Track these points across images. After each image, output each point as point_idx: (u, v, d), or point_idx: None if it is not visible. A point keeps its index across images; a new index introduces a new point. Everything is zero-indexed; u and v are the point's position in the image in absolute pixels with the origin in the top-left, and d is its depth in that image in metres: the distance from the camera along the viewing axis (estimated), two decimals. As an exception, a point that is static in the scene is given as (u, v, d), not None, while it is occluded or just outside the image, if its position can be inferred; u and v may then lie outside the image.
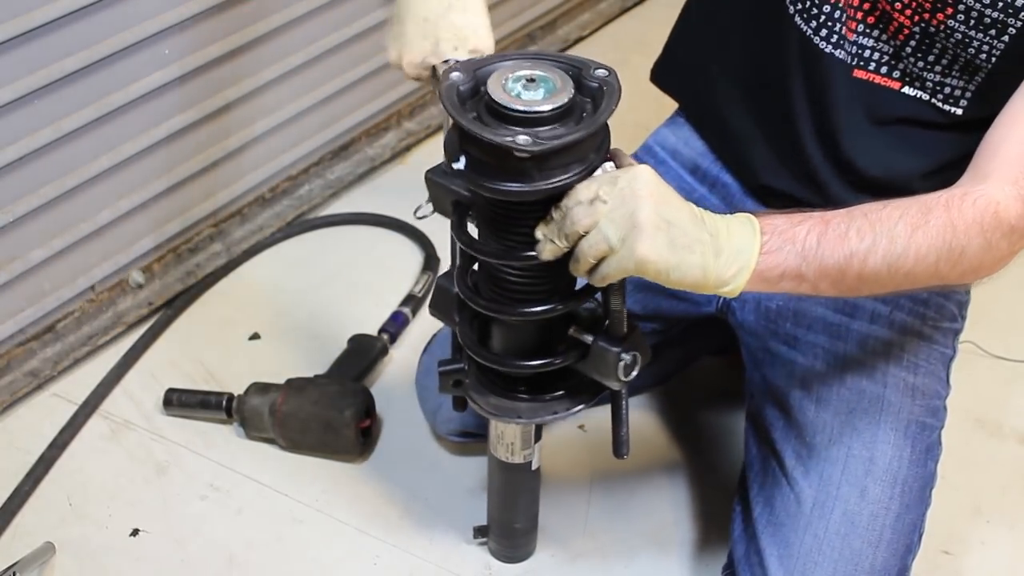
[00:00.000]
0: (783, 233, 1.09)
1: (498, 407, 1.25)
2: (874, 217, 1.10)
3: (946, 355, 1.43)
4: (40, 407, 1.74)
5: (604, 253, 1.03)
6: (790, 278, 1.09)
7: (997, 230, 1.10)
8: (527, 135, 1.00)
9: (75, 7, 1.59)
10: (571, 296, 1.17)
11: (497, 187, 1.04)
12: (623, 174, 1.04)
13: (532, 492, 1.46)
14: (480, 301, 1.18)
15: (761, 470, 1.41)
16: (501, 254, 1.12)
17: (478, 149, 1.04)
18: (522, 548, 1.54)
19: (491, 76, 1.05)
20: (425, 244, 2.03)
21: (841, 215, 1.11)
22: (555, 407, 1.24)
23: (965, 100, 1.28)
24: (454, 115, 1.03)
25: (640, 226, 1.01)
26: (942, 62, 1.26)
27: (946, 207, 1.10)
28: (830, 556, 1.29)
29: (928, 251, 1.10)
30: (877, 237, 1.09)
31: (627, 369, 1.16)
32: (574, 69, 1.06)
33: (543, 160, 1.01)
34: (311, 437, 1.64)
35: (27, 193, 1.65)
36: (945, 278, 1.13)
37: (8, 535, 1.54)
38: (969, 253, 1.11)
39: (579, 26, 2.67)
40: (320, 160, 2.16)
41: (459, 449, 1.69)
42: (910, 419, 1.35)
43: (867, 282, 1.11)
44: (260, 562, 1.54)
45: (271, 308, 1.92)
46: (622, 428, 1.24)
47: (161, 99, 1.79)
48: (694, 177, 1.52)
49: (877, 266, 1.10)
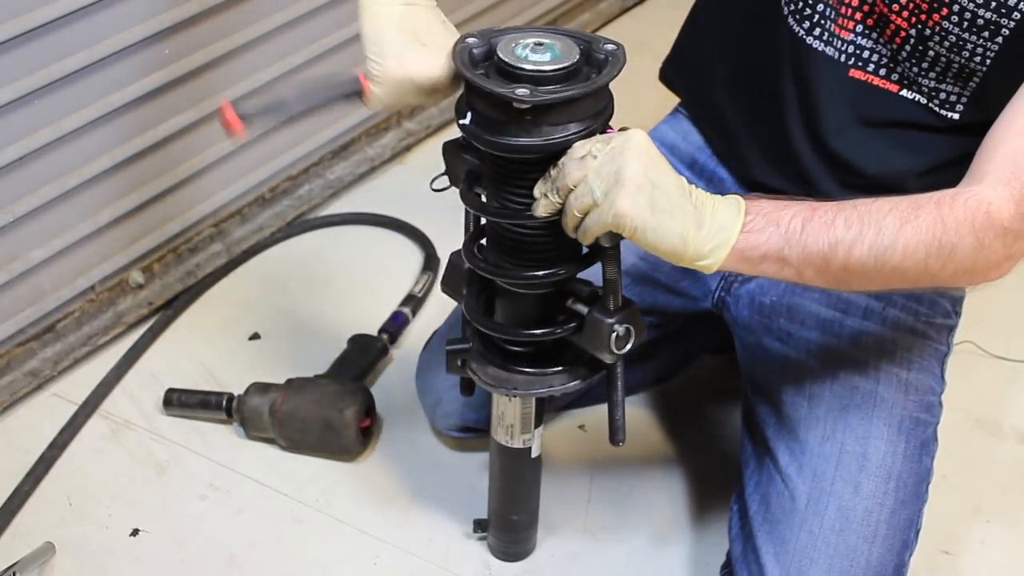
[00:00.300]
0: (768, 215, 1.10)
1: (496, 378, 1.28)
2: (863, 209, 1.11)
3: (940, 351, 1.43)
4: (40, 407, 1.74)
5: (588, 207, 1.06)
6: (772, 260, 1.10)
7: (989, 230, 1.10)
8: (527, 89, 1.05)
9: (75, 7, 1.59)
10: (571, 262, 1.21)
11: (497, 140, 1.09)
12: (617, 135, 1.07)
13: (532, 482, 1.46)
14: (484, 264, 1.23)
15: (756, 468, 1.42)
16: (503, 213, 1.17)
17: (482, 103, 1.10)
18: (521, 544, 1.54)
19: (502, 40, 1.11)
20: (425, 244, 2.03)
21: (830, 204, 1.11)
22: (551, 381, 1.27)
23: (961, 105, 1.28)
24: (462, 69, 1.09)
25: (623, 182, 1.03)
26: (936, 68, 1.26)
27: (937, 204, 1.10)
28: (825, 552, 1.29)
29: (917, 246, 1.09)
30: (864, 228, 1.09)
31: (620, 341, 1.18)
32: (584, 43, 1.11)
33: (542, 115, 1.07)
34: (311, 437, 1.64)
35: (27, 193, 1.65)
36: (937, 277, 1.13)
37: (8, 535, 1.54)
38: (960, 252, 1.10)
39: (579, 26, 2.67)
40: (320, 160, 2.16)
41: (459, 447, 1.69)
42: (904, 415, 1.35)
43: (854, 273, 1.11)
44: (260, 562, 1.54)
45: (271, 308, 1.92)
46: (617, 412, 1.25)
47: (161, 99, 1.79)
48: (691, 171, 1.53)
49: (863, 257, 1.10)
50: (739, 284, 1.49)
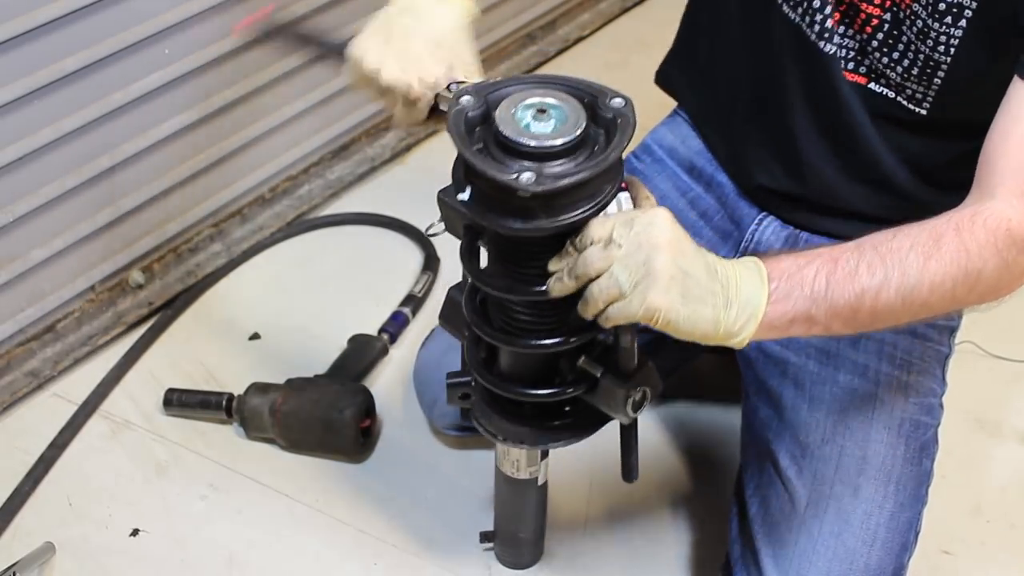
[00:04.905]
0: (791, 278, 1.06)
1: (502, 430, 1.22)
2: (884, 250, 1.07)
3: (942, 353, 1.42)
4: (40, 407, 1.74)
5: (614, 298, 1.01)
6: (800, 322, 1.06)
7: (1012, 247, 1.07)
8: (532, 171, 0.96)
9: (75, 7, 1.59)
10: (581, 331, 1.12)
11: (502, 223, 1.00)
12: (639, 216, 1.01)
13: (538, 506, 1.45)
14: (488, 330, 1.14)
15: (756, 470, 1.42)
16: (509, 288, 1.09)
17: (483, 183, 0.99)
18: (527, 556, 1.53)
19: (501, 103, 1.01)
20: (425, 244, 2.03)
21: (850, 250, 1.08)
22: (561, 434, 1.21)
23: (928, 103, 1.26)
24: (460, 147, 0.99)
25: (655, 275, 0.99)
26: (905, 60, 1.24)
27: (957, 231, 1.07)
28: (824, 555, 1.29)
29: (943, 279, 1.06)
30: (889, 271, 1.06)
31: (636, 405, 1.13)
32: (589, 96, 1.02)
33: (550, 198, 0.97)
34: (311, 437, 1.64)
35: (27, 193, 1.65)
36: (963, 302, 1.11)
37: (8, 535, 1.54)
38: (986, 274, 1.08)
39: (579, 26, 2.67)
40: (320, 160, 2.16)
41: (459, 447, 1.69)
42: (903, 417, 1.35)
43: (881, 316, 1.08)
44: (260, 562, 1.54)
45: (271, 308, 1.92)
46: (631, 456, 1.21)
47: (161, 99, 1.79)
48: (690, 176, 1.52)
49: (891, 300, 1.07)
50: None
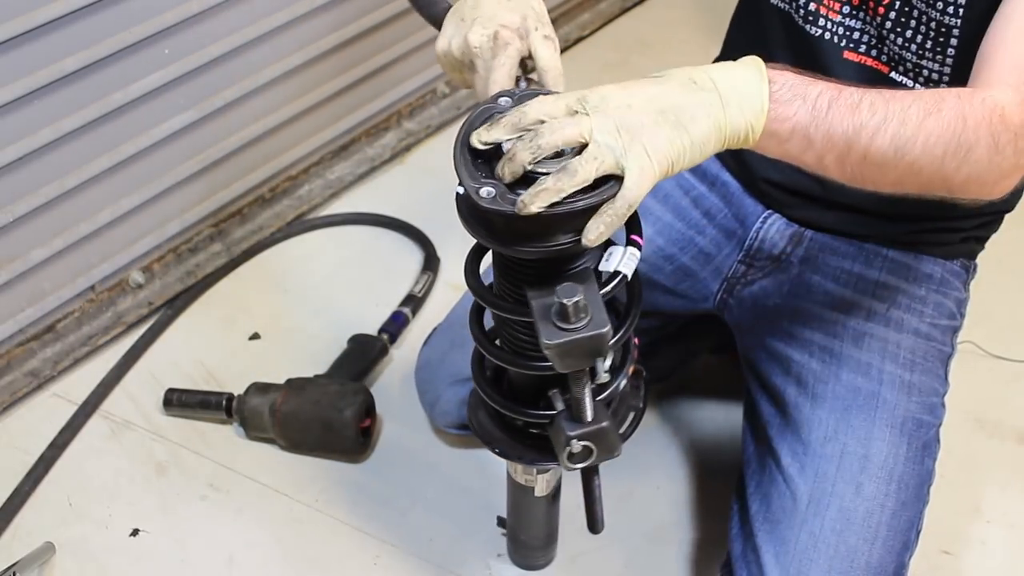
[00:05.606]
0: (794, 87, 1.02)
1: (486, 433, 1.24)
2: (888, 95, 1.06)
3: (944, 352, 1.42)
4: (40, 407, 1.74)
5: (609, 169, 0.96)
6: (798, 138, 1.03)
7: (1004, 132, 1.08)
8: (495, 189, 0.97)
9: (75, 7, 1.59)
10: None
11: (472, 226, 1.03)
12: (585, 92, 0.98)
13: (548, 513, 1.44)
14: (489, 347, 1.17)
15: (758, 467, 1.42)
16: (512, 310, 1.10)
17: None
18: (538, 559, 1.53)
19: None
20: (425, 244, 2.03)
21: (855, 86, 1.06)
22: (542, 455, 1.21)
23: (943, 84, 1.27)
24: (456, 139, 1.01)
25: (638, 128, 0.96)
26: (917, 38, 1.25)
27: (958, 98, 1.07)
28: (825, 553, 1.29)
29: (937, 141, 1.06)
30: (889, 114, 1.05)
31: (574, 457, 1.10)
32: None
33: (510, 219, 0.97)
34: (311, 437, 1.64)
35: (27, 193, 1.66)
36: (949, 180, 1.09)
37: (8, 535, 1.54)
38: (976, 153, 1.07)
39: (579, 26, 2.67)
40: (320, 160, 2.16)
41: (459, 447, 1.69)
42: (906, 416, 1.35)
43: (871, 164, 1.06)
44: (260, 562, 1.54)
45: (271, 308, 1.92)
46: (595, 506, 1.21)
47: (161, 99, 1.79)
48: (693, 175, 1.52)
49: (884, 147, 1.05)
50: (741, 287, 1.49)
